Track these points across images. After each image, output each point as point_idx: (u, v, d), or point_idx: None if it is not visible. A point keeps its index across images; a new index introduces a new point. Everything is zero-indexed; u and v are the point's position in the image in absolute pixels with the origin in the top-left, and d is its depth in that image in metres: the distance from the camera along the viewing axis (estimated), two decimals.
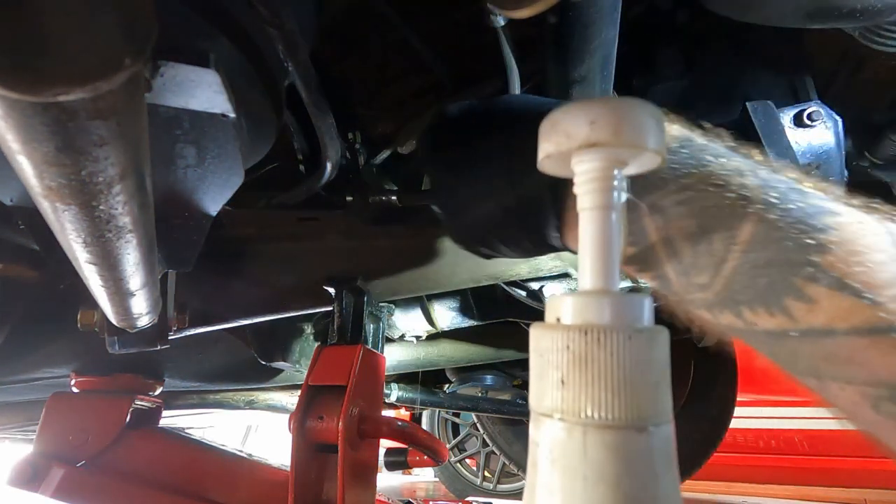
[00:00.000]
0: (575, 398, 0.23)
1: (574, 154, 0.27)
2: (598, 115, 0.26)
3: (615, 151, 0.26)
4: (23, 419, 1.26)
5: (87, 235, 0.35)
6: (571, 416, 0.23)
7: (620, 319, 0.24)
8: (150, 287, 0.51)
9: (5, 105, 0.21)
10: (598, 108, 0.26)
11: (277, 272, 0.78)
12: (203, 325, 0.76)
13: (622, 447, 0.22)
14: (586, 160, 0.27)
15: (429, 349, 1.27)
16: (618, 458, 0.22)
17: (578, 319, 0.24)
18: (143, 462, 0.89)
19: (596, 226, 0.26)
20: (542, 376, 0.24)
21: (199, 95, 0.39)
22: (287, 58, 0.49)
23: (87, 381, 0.95)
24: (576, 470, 0.22)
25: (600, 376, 0.23)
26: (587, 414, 0.23)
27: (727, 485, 3.09)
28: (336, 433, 0.62)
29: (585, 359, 0.23)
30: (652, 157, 0.27)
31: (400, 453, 0.96)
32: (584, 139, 0.26)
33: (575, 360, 0.23)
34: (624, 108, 0.26)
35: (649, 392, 0.23)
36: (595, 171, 0.27)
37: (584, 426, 0.23)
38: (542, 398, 0.24)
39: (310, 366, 0.69)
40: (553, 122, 0.28)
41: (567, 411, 0.23)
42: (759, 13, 0.54)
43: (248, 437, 4.12)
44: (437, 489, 3.11)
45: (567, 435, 0.23)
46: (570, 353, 0.23)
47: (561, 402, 0.23)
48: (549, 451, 0.23)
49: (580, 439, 0.22)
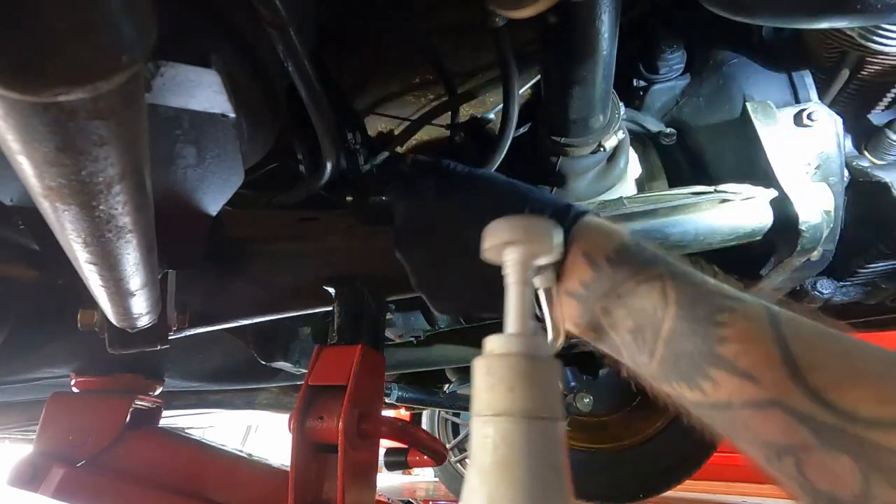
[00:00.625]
0: (521, 400, 0.34)
1: (503, 248, 0.41)
2: (517, 225, 0.41)
3: (527, 248, 0.41)
4: (23, 419, 1.26)
5: (87, 235, 0.35)
6: (519, 412, 0.34)
7: (543, 351, 0.37)
8: (150, 287, 0.51)
9: (5, 105, 0.21)
10: (518, 221, 0.41)
11: (277, 272, 0.78)
12: (203, 325, 0.76)
13: (549, 432, 0.34)
14: (510, 252, 0.41)
15: (429, 349, 1.27)
16: (546, 439, 0.33)
17: (518, 350, 0.36)
18: (143, 462, 0.89)
19: (515, 294, 0.40)
20: (493, 389, 0.35)
21: (199, 95, 0.39)
22: (287, 58, 0.49)
23: (87, 381, 0.95)
24: (521, 450, 0.33)
25: (536, 385, 0.34)
26: (529, 409, 0.34)
27: (727, 485, 3.09)
28: (336, 433, 0.62)
29: (526, 375, 0.35)
30: (553, 255, 0.42)
31: (400, 453, 0.96)
32: (507, 239, 0.41)
33: (519, 376, 0.35)
34: (532, 222, 0.41)
35: (560, 396, 0.36)
36: (515, 260, 0.41)
37: (528, 419, 0.33)
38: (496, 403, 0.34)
39: (310, 366, 0.69)
40: (490, 229, 0.42)
41: (516, 410, 0.34)
42: (759, 13, 0.54)
43: (248, 437, 4.12)
44: (437, 489, 3.11)
45: (516, 425, 0.33)
46: (516, 371, 0.35)
47: (511, 404, 0.34)
48: (502, 439, 0.33)
49: (525, 428, 0.33)
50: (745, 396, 0.32)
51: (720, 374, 0.34)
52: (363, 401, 0.66)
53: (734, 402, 0.33)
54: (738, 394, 0.33)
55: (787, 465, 0.30)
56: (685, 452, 1.90)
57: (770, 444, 0.31)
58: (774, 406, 0.31)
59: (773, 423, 0.31)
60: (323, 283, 0.76)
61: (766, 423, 0.31)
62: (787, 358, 0.32)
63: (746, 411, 0.32)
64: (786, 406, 0.30)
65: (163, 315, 0.64)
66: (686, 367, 0.36)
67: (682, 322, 0.37)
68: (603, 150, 0.72)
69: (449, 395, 1.70)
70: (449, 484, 2.56)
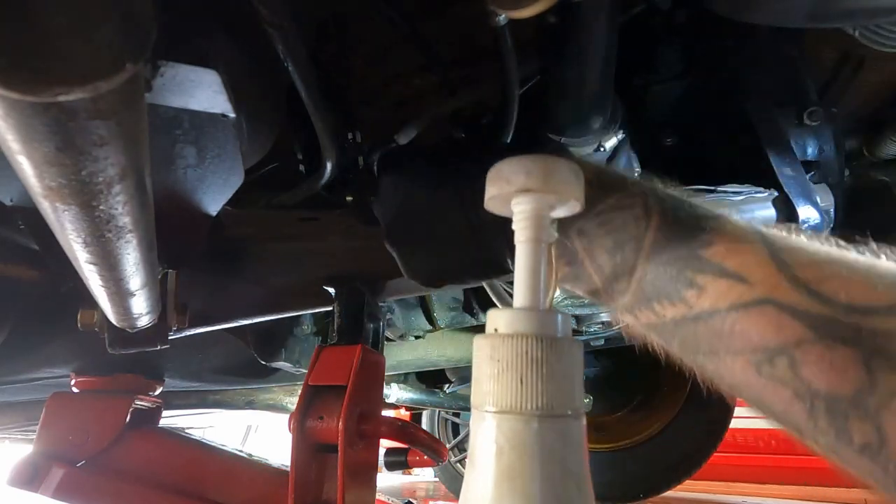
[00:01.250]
0: (532, 395, 0.28)
1: (513, 197, 0.33)
2: (532, 167, 0.33)
3: (544, 197, 0.33)
4: (23, 419, 1.26)
5: (87, 235, 0.35)
6: (530, 410, 0.28)
7: (562, 331, 0.30)
8: (150, 287, 0.51)
9: (5, 105, 0.21)
10: (532, 161, 0.33)
11: (277, 272, 0.78)
12: (203, 325, 0.76)
13: (566, 432, 0.28)
14: (522, 202, 0.33)
15: (429, 349, 1.27)
16: (564, 441, 0.28)
17: (530, 330, 0.29)
18: (143, 462, 0.89)
19: (528, 255, 0.32)
20: (498, 378, 0.29)
21: (199, 95, 0.39)
22: (287, 58, 0.49)
23: (87, 381, 0.95)
24: (533, 454, 0.27)
25: (551, 376, 0.28)
26: (542, 406, 0.28)
27: (727, 485, 3.09)
28: (336, 433, 0.62)
29: (540, 363, 0.28)
30: (573, 205, 0.34)
31: (400, 453, 0.96)
32: (520, 185, 0.33)
33: (532, 364, 0.28)
34: (552, 163, 0.33)
35: (580, 387, 0.30)
36: (528, 212, 0.33)
37: (539, 417, 0.28)
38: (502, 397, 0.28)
39: (309, 366, 0.69)
40: (497, 171, 0.34)
41: (526, 406, 0.28)
42: (759, 13, 0.54)
43: (248, 437, 4.11)
44: (437, 489, 3.11)
45: (526, 426, 0.28)
46: (528, 357, 0.28)
47: (520, 400, 0.28)
48: (508, 441, 0.28)
49: (536, 428, 0.28)
50: (732, 298, 0.30)
51: (706, 278, 0.32)
52: (363, 401, 0.66)
53: (720, 307, 0.31)
54: (724, 297, 0.31)
55: (781, 367, 0.28)
56: (685, 452, 1.90)
57: (760, 348, 0.29)
58: (765, 304, 0.29)
59: (764, 321, 0.29)
60: (323, 283, 0.76)
61: (756, 323, 0.29)
62: (776, 257, 0.30)
63: (734, 314, 0.30)
64: (777, 302, 0.29)
65: (163, 315, 0.64)
66: (668, 281, 0.34)
67: (665, 232, 0.35)
68: (603, 150, 0.72)
69: (449, 395, 1.70)
70: (449, 484, 2.56)
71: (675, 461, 1.91)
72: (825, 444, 0.27)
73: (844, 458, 0.27)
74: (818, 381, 0.27)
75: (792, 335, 0.28)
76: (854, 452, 0.26)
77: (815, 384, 0.27)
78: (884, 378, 0.25)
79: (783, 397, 0.29)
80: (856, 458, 0.26)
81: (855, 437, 0.26)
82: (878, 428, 0.25)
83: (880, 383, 0.25)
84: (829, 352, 0.27)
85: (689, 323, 0.33)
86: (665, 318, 0.34)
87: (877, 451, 0.25)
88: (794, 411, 0.28)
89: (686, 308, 0.33)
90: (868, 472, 0.26)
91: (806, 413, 0.28)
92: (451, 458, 2.47)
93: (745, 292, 0.30)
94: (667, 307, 0.34)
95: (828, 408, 0.27)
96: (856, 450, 0.26)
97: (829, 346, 0.27)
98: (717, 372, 0.33)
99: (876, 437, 0.25)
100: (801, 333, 0.28)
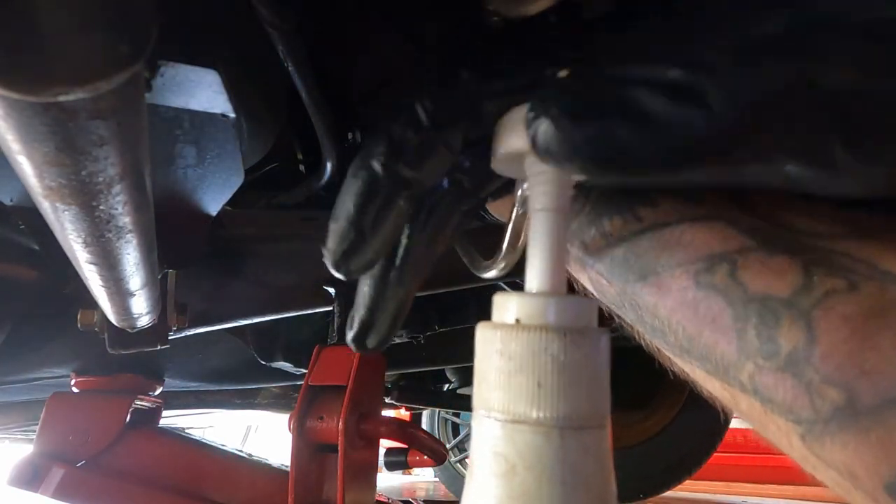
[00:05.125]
0: (552, 401, 0.22)
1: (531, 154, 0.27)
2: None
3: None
4: (23, 419, 1.26)
5: (87, 235, 0.35)
6: (549, 421, 0.22)
7: (587, 321, 0.25)
8: (150, 287, 0.51)
9: (5, 105, 0.21)
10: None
11: (277, 272, 0.78)
12: (203, 325, 0.76)
13: (592, 446, 0.23)
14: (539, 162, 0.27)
15: (429, 349, 1.27)
16: (590, 457, 0.23)
17: (550, 321, 0.24)
18: (143, 462, 0.89)
19: (548, 228, 0.26)
20: (509, 381, 0.23)
21: (199, 95, 0.39)
22: (287, 58, 0.49)
23: (88, 380, 0.95)
24: (553, 475, 0.22)
25: (577, 378, 0.23)
26: (564, 416, 0.22)
27: (727, 485, 3.09)
28: (336, 433, 0.62)
29: (564, 362, 0.23)
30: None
31: (400, 453, 0.96)
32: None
33: (554, 363, 0.23)
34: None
35: (607, 390, 0.24)
36: (551, 173, 0.27)
37: (560, 429, 0.22)
38: (513, 403, 0.23)
39: (309, 366, 0.69)
40: (509, 123, 0.28)
41: (544, 416, 0.22)
42: None
43: (248, 437, 4.12)
44: (437, 489, 3.11)
45: (545, 440, 0.22)
46: (548, 356, 0.23)
47: (538, 408, 0.22)
48: (522, 458, 0.22)
49: (558, 443, 0.22)
50: (684, 213, 0.30)
51: (661, 196, 0.31)
52: (363, 401, 0.66)
53: (670, 220, 0.30)
54: (677, 212, 0.30)
55: (720, 274, 0.27)
56: (685, 452, 1.90)
57: (704, 256, 0.28)
58: (716, 219, 0.29)
59: (712, 232, 0.28)
60: (323, 283, 0.76)
61: (703, 233, 0.29)
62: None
63: (683, 225, 0.29)
64: (728, 219, 0.29)
65: (163, 315, 0.64)
66: (623, 196, 0.32)
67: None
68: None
69: (449, 394, 1.70)
70: (449, 484, 2.56)
71: (675, 461, 1.91)
72: (748, 376, 0.26)
73: (765, 392, 0.25)
74: (754, 283, 0.26)
75: (736, 244, 0.27)
76: (777, 374, 0.24)
77: (750, 287, 0.26)
78: (820, 280, 0.24)
79: (714, 310, 0.27)
80: (777, 383, 0.24)
81: (783, 343, 0.24)
82: (808, 326, 0.24)
83: (817, 285, 0.24)
84: (769, 258, 0.26)
85: (636, 239, 0.31)
86: (613, 238, 0.32)
87: (803, 359, 0.23)
88: (722, 327, 0.26)
89: (637, 224, 0.31)
90: (787, 407, 0.24)
91: (734, 330, 0.26)
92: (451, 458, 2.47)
93: (699, 209, 0.30)
94: (616, 224, 0.31)
95: (759, 312, 0.25)
96: (780, 365, 0.24)
97: (771, 252, 0.26)
98: (648, 299, 0.31)
99: (805, 338, 0.23)
100: (745, 243, 0.27)
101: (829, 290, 0.24)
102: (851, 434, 0.22)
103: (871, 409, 0.21)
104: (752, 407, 0.26)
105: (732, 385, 0.27)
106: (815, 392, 0.23)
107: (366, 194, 0.34)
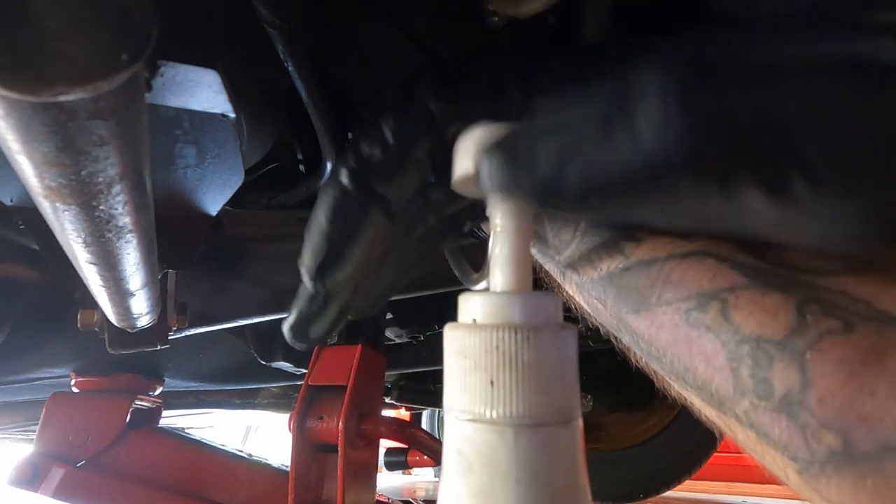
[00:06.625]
0: (506, 399, 0.22)
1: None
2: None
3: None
4: (23, 419, 1.26)
5: (87, 235, 0.35)
6: (503, 419, 0.22)
7: (545, 318, 0.24)
8: (150, 287, 0.51)
9: (5, 105, 0.21)
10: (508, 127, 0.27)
11: (277, 272, 0.78)
12: (203, 325, 0.76)
13: (551, 444, 0.23)
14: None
15: (428, 349, 1.27)
16: (548, 455, 0.22)
17: (503, 318, 0.24)
18: (143, 462, 0.89)
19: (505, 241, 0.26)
20: (464, 379, 0.24)
21: (199, 95, 0.39)
22: (287, 58, 0.49)
23: (88, 380, 0.95)
24: (508, 473, 0.22)
25: (530, 375, 0.23)
26: (518, 414, 0.22)
27: (727, 485, 3.09)
28: (336, 433, 0.62)
29: (516, 359, 0.23)
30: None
31: (400, 453, 0.96)
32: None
33: (506, 360, 0.23)
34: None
35: (572, 386, 0.24)
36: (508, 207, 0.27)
37: (515, 427, 0.22)
38: (470, 402, 0.23)
39: (309, 366, 0.69)
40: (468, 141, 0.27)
41: (498, 414, 0.22)
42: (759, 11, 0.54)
43: (248, 437, 4.12)
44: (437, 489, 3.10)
45: (499, 438, 0.22)
46: (500, 353, 0.23)
47: (491, 406, 0.23)
48: (479, 456, 0.23)
49: (512, 441, 0.22)
50: (671, 249, 0.29)
51: (645, 233, 0.31)
52: (363, 401, 0.66)
53: (658, 257, 0.29)
54: (664, 248, 0.29)
55: (711, 312, 0.27)
56: (685, 452, 1.90)
57: (694, 294, 0.28)
58: (705, 256, 0.28)
59: (701, 269, 0.28)
60: None
61: (692, 270, 0.28)
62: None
63: (672, 262, 0.29)
64: (719, 255, 0.28)
65: (163, 315, 0.64)
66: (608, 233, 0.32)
67: None
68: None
69: None
70: None
71: (674, 461, 1.91)
72: (743, 411, 0.26)
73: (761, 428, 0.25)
74: (747, 324, 0.25)
75: (727, 282, 0.27)
76: (772, 413, 0.24)
77: (743, 327, 0.25)
78: (815, 321, 0.24)
79: (707, 350, 0.27)
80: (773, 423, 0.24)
81: (777, 385, 0.24)
82: (802, 369, 0.23)
83: (811, 326, 0.24)
84: (761, 297, 0.26)
85: (625, 275, 0.31)
86: (601, 272, 0.32)
87: (797, 402, 0.23)
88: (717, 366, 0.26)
89: (623, 259, 0.31)
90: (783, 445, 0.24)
91: (728, 368, 0.26)
92: None
93: (686, 245, 0.29)
94: (604, 259, 0.32)
95: (753, 354, 0.25)
96: (775, 406, 0.24)
97: (763, 291, 0.26)
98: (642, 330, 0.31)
99: (799, 381, 0.23)
100: (736, 280, 0.27)
101: (823, 331, 0.24)
102: (848, 479, 0.22)
103: (867, 456, 0.21)
104: (748, 438, 0.26)
105: (728, 416, 0.27)
106: (811, 435, 0.23)
107: (336, 207, 0.35)
